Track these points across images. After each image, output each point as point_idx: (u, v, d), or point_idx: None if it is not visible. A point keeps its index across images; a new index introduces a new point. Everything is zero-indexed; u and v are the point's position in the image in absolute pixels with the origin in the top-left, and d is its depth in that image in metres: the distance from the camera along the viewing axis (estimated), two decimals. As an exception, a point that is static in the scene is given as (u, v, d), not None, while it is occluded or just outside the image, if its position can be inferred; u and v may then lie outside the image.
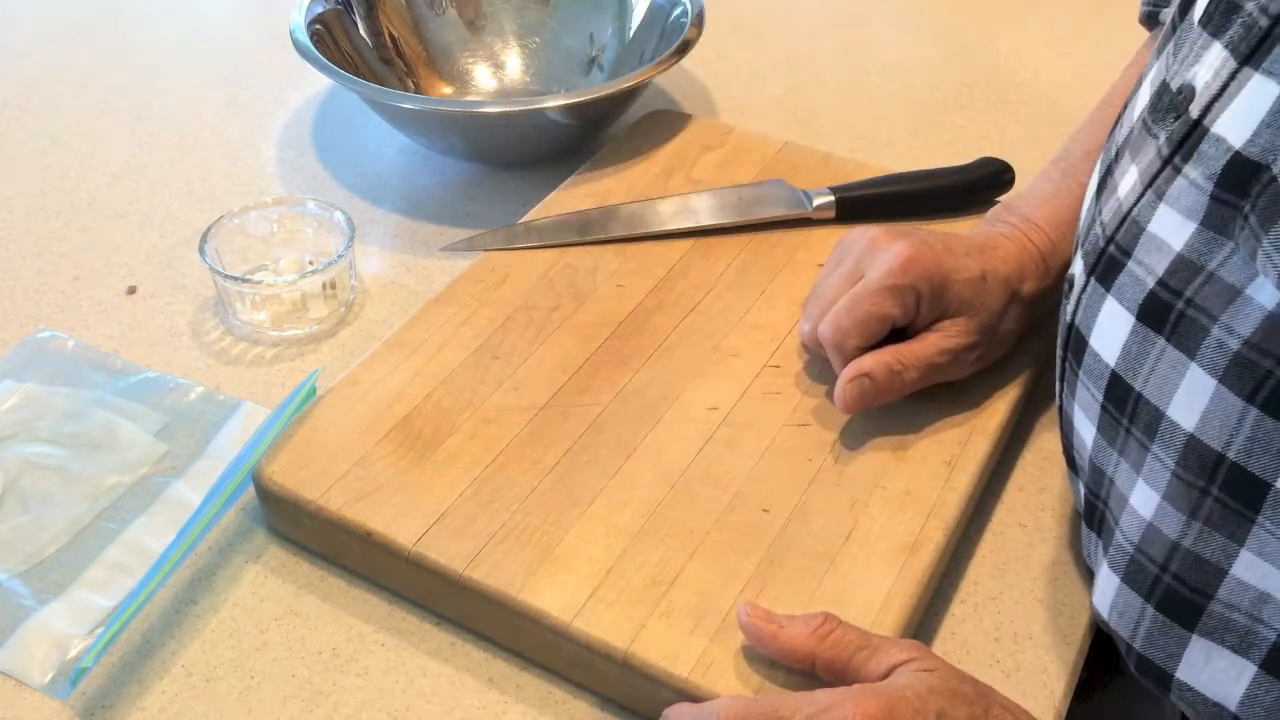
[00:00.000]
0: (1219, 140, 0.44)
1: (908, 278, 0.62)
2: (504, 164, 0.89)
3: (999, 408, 0.66)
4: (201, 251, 0.73)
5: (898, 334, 0.64)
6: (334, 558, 0.60)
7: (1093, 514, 0.55)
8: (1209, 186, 0.44)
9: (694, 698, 0.51)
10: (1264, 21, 0.43)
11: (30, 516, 0.62)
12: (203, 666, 0.56)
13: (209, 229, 0.74)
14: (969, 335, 0.63)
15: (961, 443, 0.63)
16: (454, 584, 0.56)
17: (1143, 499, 0.49)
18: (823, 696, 0.47)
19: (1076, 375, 0.53)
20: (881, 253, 0.63)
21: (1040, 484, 0.66)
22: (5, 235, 0.82)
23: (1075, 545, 0.62)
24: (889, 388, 0.62)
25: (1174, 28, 0.52)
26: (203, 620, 0.58)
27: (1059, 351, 0.56)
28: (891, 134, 0.95)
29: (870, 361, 0.62)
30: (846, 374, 0.62)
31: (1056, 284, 0.66)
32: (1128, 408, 0.49)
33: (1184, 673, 0.49)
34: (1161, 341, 0.46)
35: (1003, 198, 0.80)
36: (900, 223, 0.68)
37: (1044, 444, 0.68)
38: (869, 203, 0.79)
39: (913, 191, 0.80)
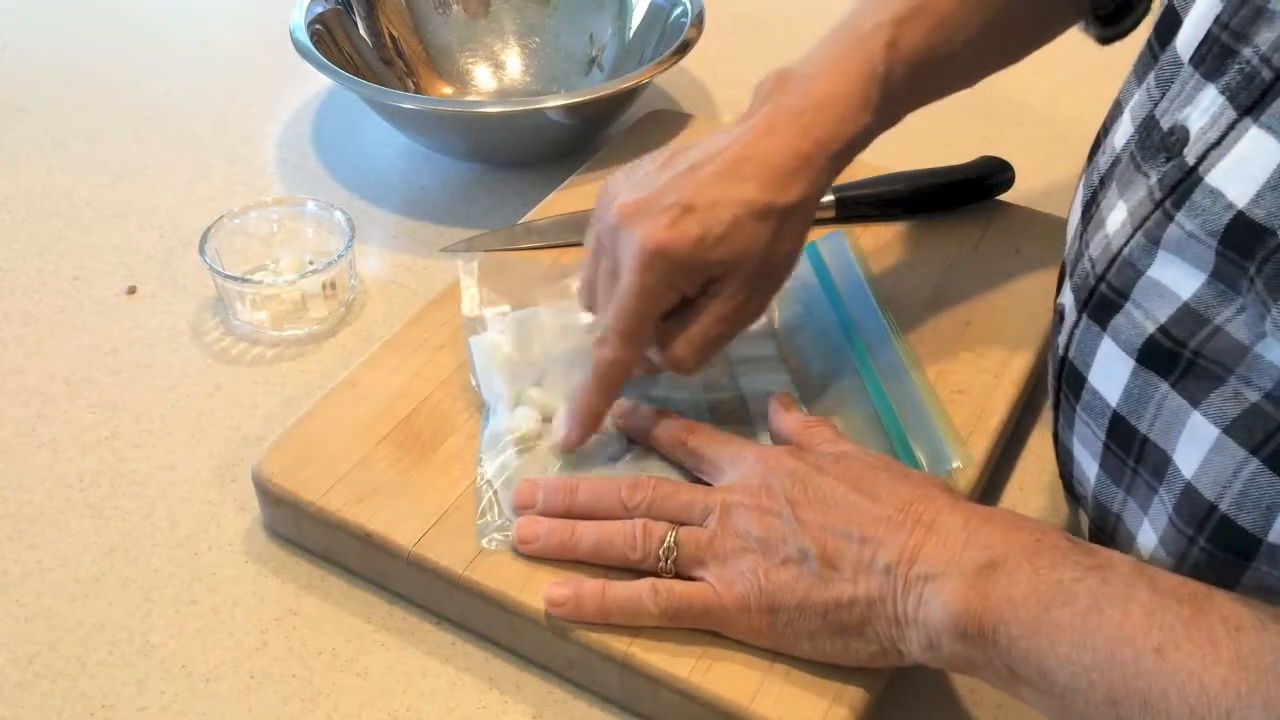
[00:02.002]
0: (1216, 194, 0.43)
1: (657, 277, 0.56)
2: (504, 164, 0.89)
3: (999, 408, 0.66)
4: (201, 251, 0.73)
5: None
6: (334, 558, 0.60)
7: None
8: (1212, 242, 0.43)
9: (694, 698, 0.51)
10: (1266, 74, 0.42)
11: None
12: (203, 666, 0.56)
13: (209, 229, 0.74)
14: (740, 291, 0.58)
15: (961, 443, 0.63)
16: (454, 584, 0.56)
17: (1145, 539, 0.49)
18: None
19: (1074, 409, 0.52)
20: (627, 244, 0.57)
21: (1040, 484, 0.66)
22: (5, 235, 0.82)
23: (1075, 545, 0.62)
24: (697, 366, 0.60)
25: (1153, 55, 0.51)
26: (203, 620, 0.58)
27: (1052, 381, 0.55)
28: (891, 134, 0.95)
29: (672, 359, 0.59)
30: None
31: (830, 177, 0.60)
32: (1134, 449, 0.48)
33: None
34: (1165, 386, 0.45)
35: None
36: (652, 160, 0.60)
37: (1044, 445, 0.68)
38: (869, 202, 0.79)
39: (913, 191, 0.80)
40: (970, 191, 0.80)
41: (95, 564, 0.61)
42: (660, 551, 0.53)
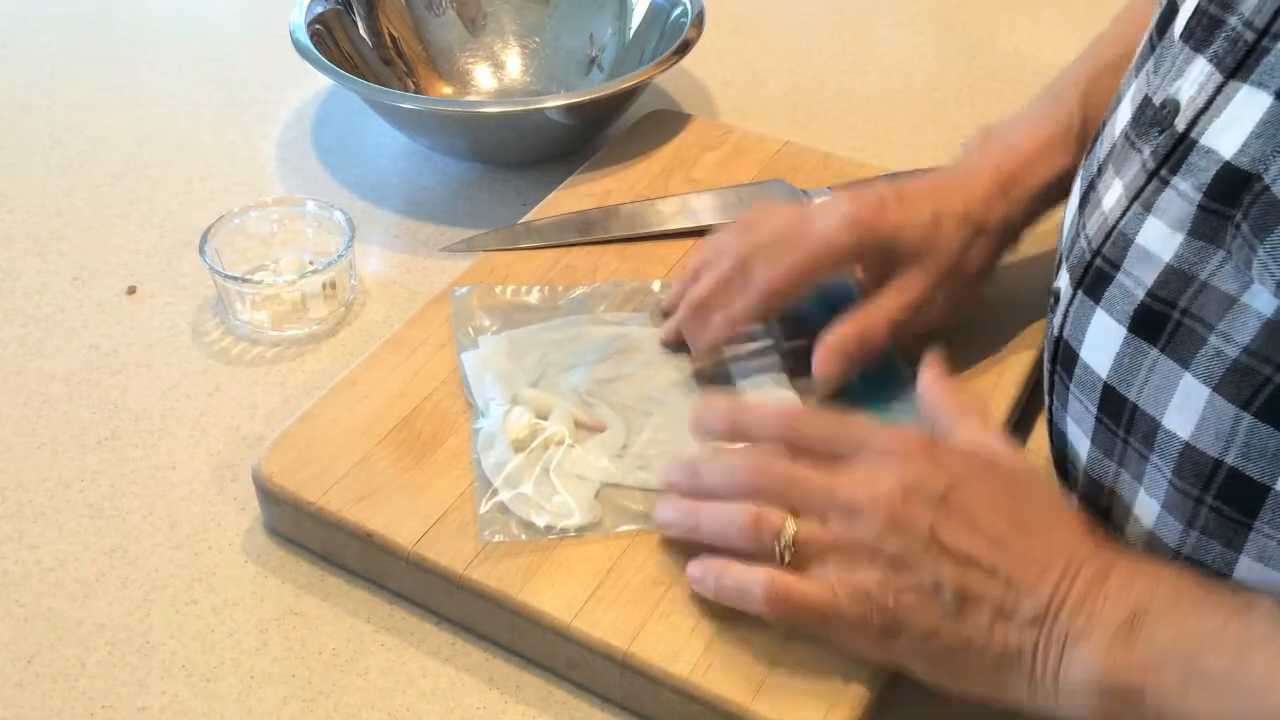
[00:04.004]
0: (1209, 152, 0.44)
1: (851, 238, 0.62)
2: (504, 164, 0.89)
3: (999, 408, 0.66)
4: (201, 251, 0.73)
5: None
6: (334, 558, 0.60)
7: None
8: (1197, 197, 0.44)
9: (694, 698, 0.52)
10: (1249, 35, 0.44)
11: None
12: (203, 666, 0.56)
13: (209, 229, 0.74)
14: (927, 282, 0.63)
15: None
16: (454, 584, 0.56)
17: (1145, 508, 0.49)
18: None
19: (1068, 389, 0.52)
20: (829, 212, 0.63)
21: (1040, 484, 0.66)
22: (5, 235, 0.82)
23: (1075, 545, 0.63)
24: (861, 358, 0.63)
25: (1152, 45, 0.52)
26: (203, 620, 0.58)
27: (1046, 365, 0.55)
28: (891, 134, 0.95)
29: (837, 340, 0.62)
30: (821, 357, 0.62)
31: (1030, 209, 0.66)
32: (1123, 419, 0.48)
33: None
34: (1154, 352, 0.46)
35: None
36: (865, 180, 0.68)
37: (1044, 444, 0.68)
38: (869, 203, 0.79)
39: (913, 191, 0.79)
40: (970, 191, 0.80)
41: (95, 564, 0.61)
42: (778, 549, 0.50)
